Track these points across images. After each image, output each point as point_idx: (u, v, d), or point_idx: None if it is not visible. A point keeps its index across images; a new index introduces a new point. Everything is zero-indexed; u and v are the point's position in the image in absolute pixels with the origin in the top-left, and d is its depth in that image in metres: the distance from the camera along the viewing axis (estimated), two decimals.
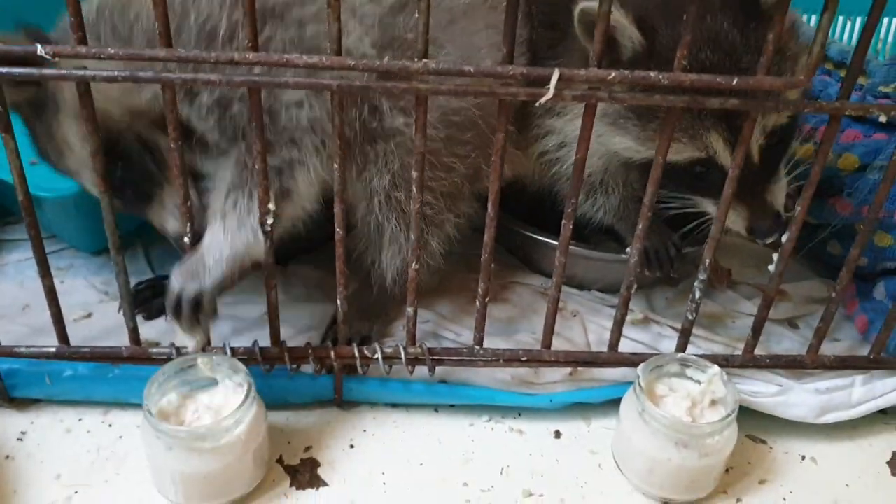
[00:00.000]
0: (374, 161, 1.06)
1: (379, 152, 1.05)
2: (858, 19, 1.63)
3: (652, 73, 0.79)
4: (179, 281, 0.94)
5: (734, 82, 0.80)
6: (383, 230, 1.10)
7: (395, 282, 1.15)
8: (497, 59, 0.79)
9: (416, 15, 0.77)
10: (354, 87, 0.82)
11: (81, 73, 0.80)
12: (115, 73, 0.81)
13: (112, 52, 0.80)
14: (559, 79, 0.79)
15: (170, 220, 1.02)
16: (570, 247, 0.96)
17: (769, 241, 1.04)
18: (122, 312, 1.02)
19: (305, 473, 1.01)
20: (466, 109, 1.06)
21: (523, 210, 1.31)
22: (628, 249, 0.98)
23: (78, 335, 1.05)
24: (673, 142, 0.93)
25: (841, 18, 1.63)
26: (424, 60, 0.79)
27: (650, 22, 0.94)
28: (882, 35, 1.65)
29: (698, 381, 1.00)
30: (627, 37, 0.94)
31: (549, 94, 0.80)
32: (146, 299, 1.18)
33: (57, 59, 0.81)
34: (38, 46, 0.78)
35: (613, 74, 0.79)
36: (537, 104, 0.81)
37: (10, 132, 0.85)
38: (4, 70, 0.80)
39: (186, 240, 0.95)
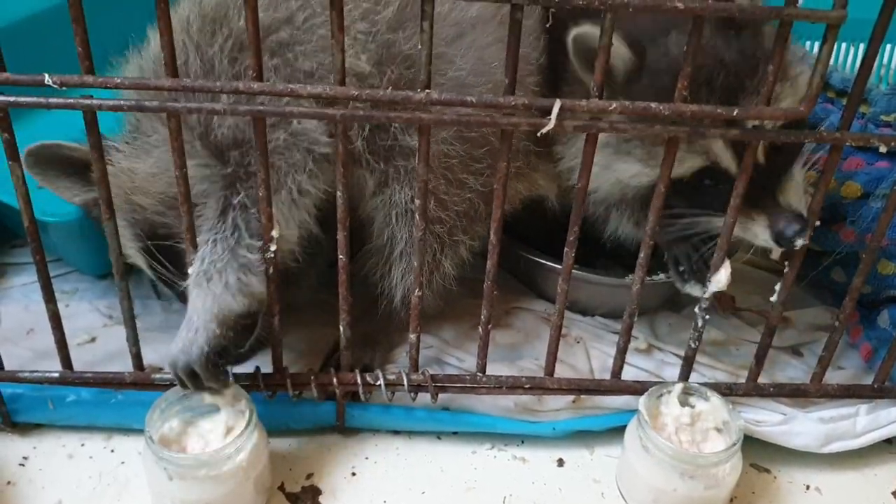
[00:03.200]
0: (396, 178, 1.07)
1: (400, 170, 1.06)
2: (861, 45, 1.63)
3: (653, 105, 0.79)
4: (172, 355, 0.93)
5: (734, 113, 0.80)
6: (395, 244, 1.11)
7: (404, 302, 1.14)
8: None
9: (419, 43, 0.78)
10: (358, 116, 0.83)
11: (88, 101, 0.81)
12: (121, 101, 0.82)
13: (118, 80, 0.81)
14: (560, 109, 0.79)
15: None
16: (574, 271, 0.96)
17: (797, 245, 0.93)
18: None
19: (307, 501, 1.01)
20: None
21: (528, 233, 1.31)
22: (628, 278, 0.97)
23: (81, 359, 1.06)
24: None
25: (844, 45, 1.63)
26: (427, 91, 0.80)
27: (639, 39, 0.93)
28: (885, 61, 1.65)
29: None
30: (619, 57, 0.92)
31: (551, 125, 0.80)
32: None
33: (63, 87, 0.82)
34: (46, 76, 0.79)
35: (614, 105, 0.80)
36: (538, 134, 0.82)
37: (18, 160, 0.86)
38: (12, 98, 0.82)
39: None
